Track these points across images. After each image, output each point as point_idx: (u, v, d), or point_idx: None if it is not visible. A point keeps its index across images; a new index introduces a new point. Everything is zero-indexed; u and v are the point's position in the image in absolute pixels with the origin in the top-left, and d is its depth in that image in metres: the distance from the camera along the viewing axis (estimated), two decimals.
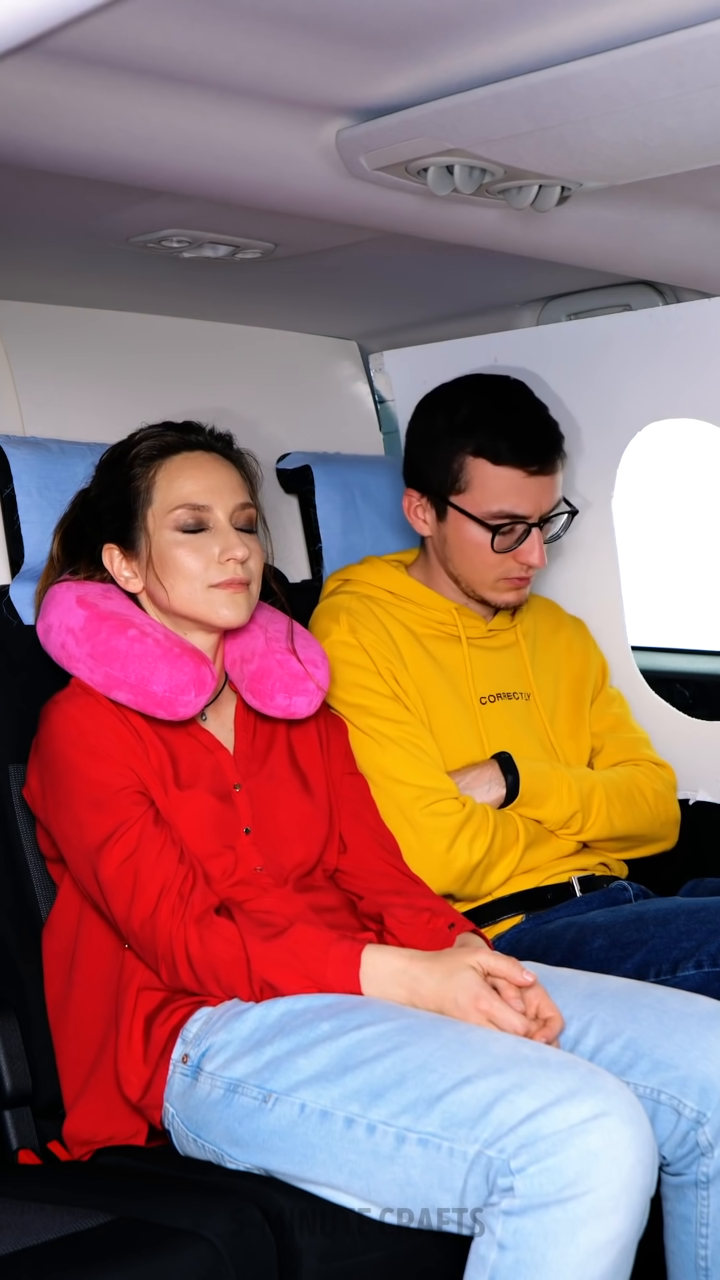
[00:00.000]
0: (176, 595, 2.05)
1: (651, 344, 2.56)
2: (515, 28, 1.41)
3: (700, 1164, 1.83)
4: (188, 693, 2.01)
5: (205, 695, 2.04)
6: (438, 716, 2.40)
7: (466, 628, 2.48)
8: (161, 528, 2.05)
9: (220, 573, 2.04)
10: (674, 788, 2.58)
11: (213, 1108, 1.84)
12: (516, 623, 2.56)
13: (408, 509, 2.48)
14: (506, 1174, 1.61)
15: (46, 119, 1.55)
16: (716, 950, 2.11)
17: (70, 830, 1.96)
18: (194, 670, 2.02)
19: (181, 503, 2.05)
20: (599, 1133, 1.60)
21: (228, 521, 2.07)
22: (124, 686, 2.01)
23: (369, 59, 1.48)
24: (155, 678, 2.00)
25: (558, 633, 2.63)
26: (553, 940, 2.26)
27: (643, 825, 2.49)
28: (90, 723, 1.99)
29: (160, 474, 2.07)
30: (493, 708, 2.46)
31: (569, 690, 2.58)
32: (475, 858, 2.27)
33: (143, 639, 2.03)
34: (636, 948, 2.17)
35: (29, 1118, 2.05)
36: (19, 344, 2.46)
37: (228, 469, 2.11)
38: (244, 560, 2.05)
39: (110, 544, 2.11)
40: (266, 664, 2.12)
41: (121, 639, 2.03)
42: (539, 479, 2.39)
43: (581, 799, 2.41)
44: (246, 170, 1.75)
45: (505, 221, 1.96)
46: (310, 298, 2.67)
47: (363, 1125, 1.71)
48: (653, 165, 1.73)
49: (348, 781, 2.21)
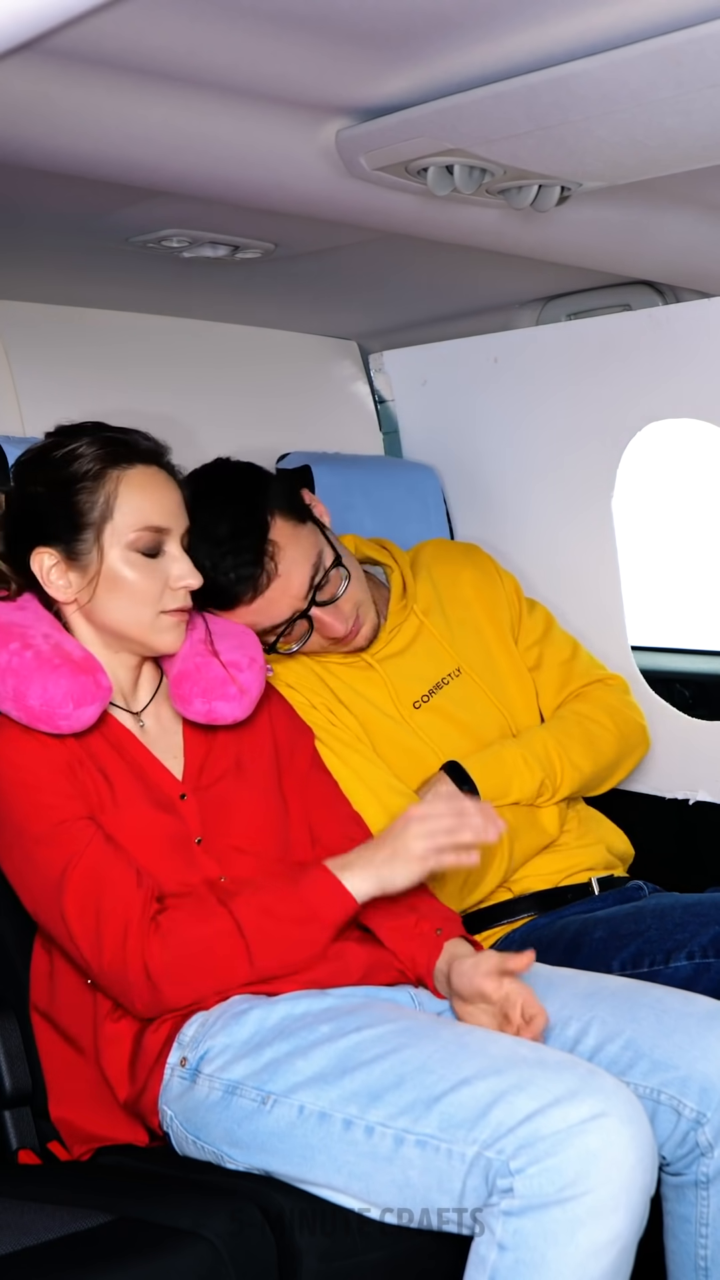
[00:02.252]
0: (120, 615, 1.98)
1: (651, 344, 2.56)
2: (515, 28, 1.41)
3: (700, 1164, 1.83)
4: (65, 705, 1.91)
5: (89, 706, 1.93)
6: (377, 737, 2.36)
7: (369, 653, 2.40)
8: (117, 545, 1.96)
9: (172, 599, 1.98)
10: (626, 690, 2.56)
11: (211, 1109, 1.83)
12: (410, 602, 2.47)
13: None
14: (506, 1175, 1.61)
15: (46, 119, 1.55)
16: (708, 942, 2.13)
17: (24, 869, 1.92)
18: (70, 682, 1.92)
19: (144, 525, 1.96)
20: (598, 1133, 1.60)
21: (179, 546, 2.00)
22: (5, 700, 1.93)
23: (369, 59, 1.48)
24: (30, 691, 1.91)
25: (456, 581, 2.55)
26: (559, 933, 2.27)
27: (609, 753, 2.47)
28: (18, 757, 1.93)
29: (122, 488, 1.96)
30: (426, 709, 2.41)
31: (492, 635, 2.52)
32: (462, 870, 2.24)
33: (22, 653, 1.94)
34: (633, 938, 2.19)
35: (29, 1118, 2.05)
36: (19, 344, 2.46)
37: (175, 488, 2.02)
38: (195, 588, 2.00)
39: (44, 548, 1.98)
40: (186, 668, 2.05)
41: (2, 653, 1.95)
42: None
43: (542, 765, 2.37)
44: (246, 170, 1.75)
45: (505, 221, 1.96)
46: (310, 298, 2.67)
47: (361, 1127, 1.71)
48: (653, 165, 1.73)
49: (313, 777, 2.15)
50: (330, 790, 2.17)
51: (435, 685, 2.44)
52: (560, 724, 2.46)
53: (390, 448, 3.01)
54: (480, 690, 2.46)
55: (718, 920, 2.15)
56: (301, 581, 2.24)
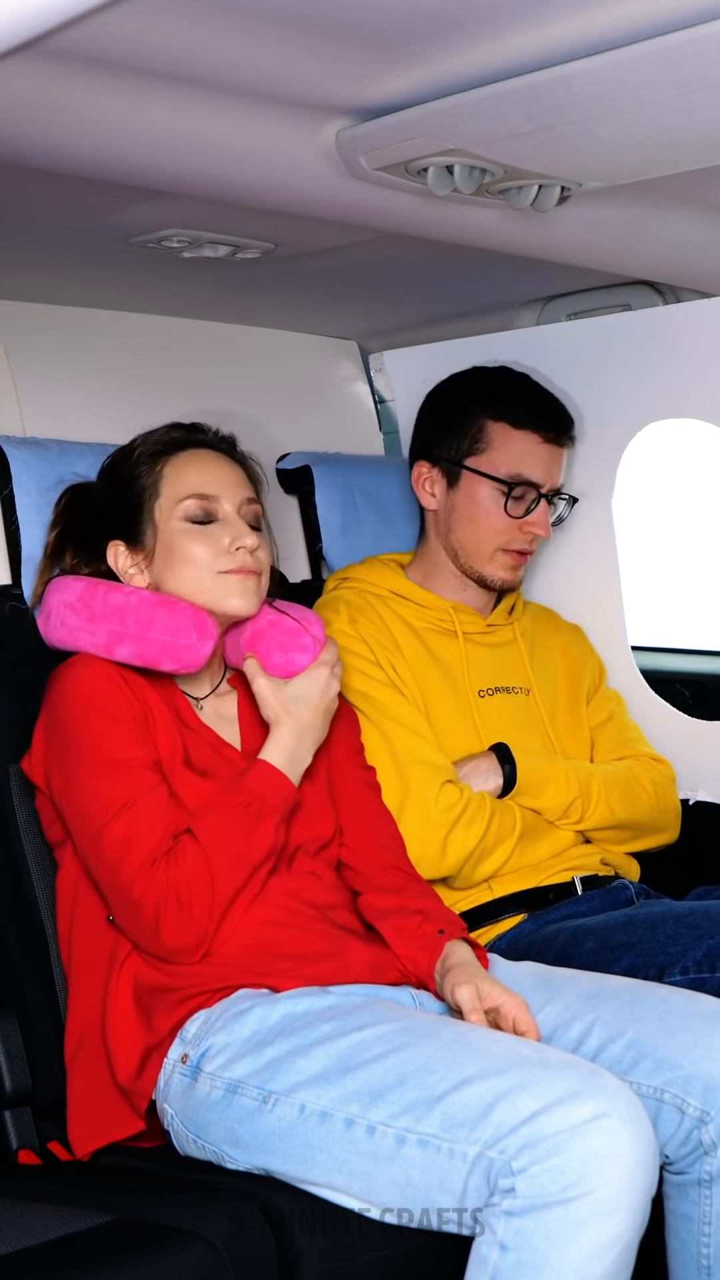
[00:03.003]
0: (185, 583, 2.05)
1: (651, 344, 2.56)
2: (515, 28, 1.41)
3: (703, 1163, 1.83)
4: (189, 635, 2.01)
5: (208, 641, 2.03)
6: (435, 709, 2.41)
7: (463, 624, 2.50)
8: (169, 519, 2.07)
9: (230, 560, 2.05)
10: (673, 781, 2.59)
11: (212, 1108, 1.83)
12: (514, 620, 2.58)
13: (416, 481, 2.54)
14: (508, 1175, 1.61)
15: (46, 119, 1.55)
16: (701, 956, 2.12)
17: (82, 794, 1.95)
18: (193, 614, 2.02)
19: (190, 493, 2.07)
20: (600, 1133, 1.60)
21: (236, 513, 2.08)
22: (126, 639, 2.01)
23: (369, 59, 1.48)
24: (155, 624, 2.00)
25: (554, 635, 2.65)
26: (547, 943, 2.27)
27: (643, 814, 2.50)
28: (106, 684, 1.99)
29: (168, 468, 2.09)
30: (490, 701, 2.47)
31: (567, 687, 2.59)
32: (470, 844, 2.29)
33: (139, 592, 2.06)
34: (625, 951, 2.18)
35: (29, 1118, 2.05)
36: (19, 344, 2.46)
37: (234, 466, 2.13)
38: (254, 549, 2.06)
39: (116, 541, 2.11)
40: (258, 626, 2.12)
41: (118, 595, 2.04)
42: (552, 449, 2.49)
43: (580, 787, 2.42)
44: (246, 170, 1.75)
45: (505, 221, 1.96)
46: (310, 298, 2.67)
47: (362, 1126, 1.71)
48: (653, 165, 1.73)
49: (353, 774, 2.19)
50: (367, 789, 2.21)
51: (504, 688, 2.51)
52: (609, 769, 2.51)
53: (390, 448, 3.01)
54: (540, 716, 2.52)
55: (710, 934, 2.14)
56: (562, 476, 2.53)
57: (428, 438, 2.55)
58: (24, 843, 2.12)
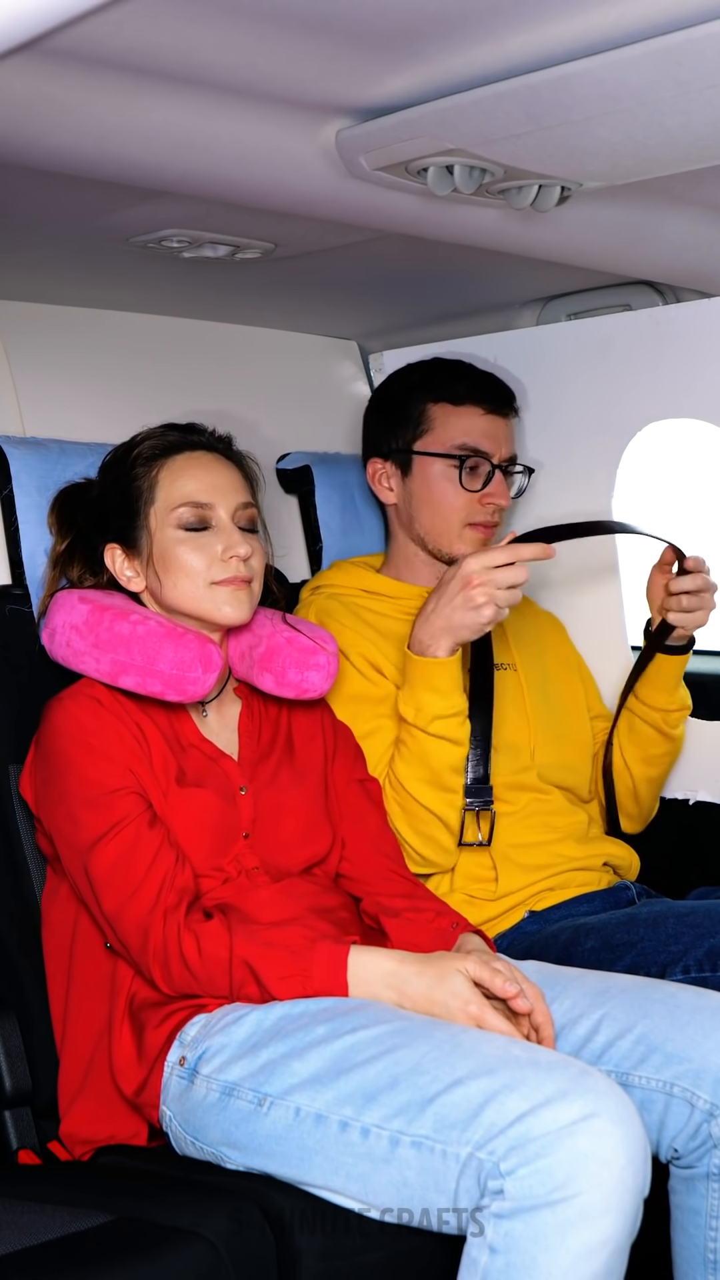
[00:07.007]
0: (178, 592, 2.06)
1: (651, 344, 2.56)
2: (515, 28, 1.41)
3: (712, 1156, 1.83)
4: (194, 669, 2.01)
5: (213, 673, 2.03)
6: None
7: None
8: (164, 525, 2.07)
9: (223, 570, 2.05)
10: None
11: (209, 1111, 1.83)
12: None
13: (373, 479, 2.56)
14: (497, 1176, 1.60)
15: (46, 119, 1.55)
16: (703, 955, 2.12)
17: (65, 826, 1.97)
18: (199, 648, 2.03)
19: (184, 500, 2.07)
20: (588, 1134, 1.59)
21: (230, 520, 2.08)
22: (130, 670, 2.01)
23: (369, 59, 1.48)
24: (161, 656, 2.00)
25: (533, 618, 2.66)
26: (548, 942, 2.27)
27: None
28: (93, 722, 2.00)
29: (163, 472, 2.09)
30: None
31: (557, 666, 2.60)
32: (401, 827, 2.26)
33: (145, 622, 2.05)
34: (626, 950, 2.18)
35: (29, 1118, 2.05)
36: (19, 344, 2.46)
37: (229, 469, 2.13)
38: (246, 558, 2.06)
39: (112, 544, 2.12)
40: (274, 643, 2.12)
41: (124, 624, 2.04)
42: (495, 419, 2.51)
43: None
44: (246, 170, 1.75)
45: (505, 221, 1.96)
46: (310, 298, 2.67)
47: (357, 1128, 1.71)
48: (653, 165, 1.73)
49: (355, 788, 2.20)
50: (368, 802, 2.21)
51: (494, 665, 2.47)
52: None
53: None
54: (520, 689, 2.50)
55: (712, 933, 2.14)
56: (513, 447, 2.54)
57: (375, 435, 2.57)
58: (24, 842, 2.13)
